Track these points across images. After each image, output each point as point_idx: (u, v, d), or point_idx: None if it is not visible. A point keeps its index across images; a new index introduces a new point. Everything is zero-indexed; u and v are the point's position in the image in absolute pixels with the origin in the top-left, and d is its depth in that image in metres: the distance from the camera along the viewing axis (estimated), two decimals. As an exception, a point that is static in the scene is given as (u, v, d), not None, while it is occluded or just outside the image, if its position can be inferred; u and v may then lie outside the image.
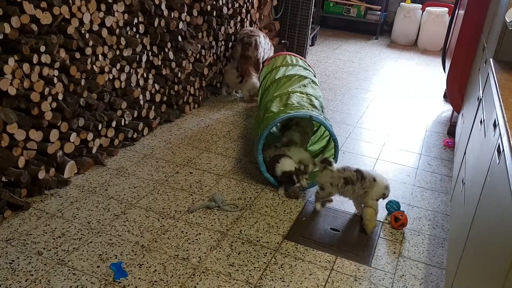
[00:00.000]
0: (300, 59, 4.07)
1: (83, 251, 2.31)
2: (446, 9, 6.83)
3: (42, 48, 2.55)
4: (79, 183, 2.88)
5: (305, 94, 3.25)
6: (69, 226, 2.48)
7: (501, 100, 1.83)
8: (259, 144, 2.93)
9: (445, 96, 4.96)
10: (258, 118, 3.28)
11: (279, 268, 2.31)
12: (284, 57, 4.00)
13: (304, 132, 3.30)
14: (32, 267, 2.18)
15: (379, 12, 7.23)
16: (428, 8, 6.92)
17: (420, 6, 7.04)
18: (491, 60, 2.44)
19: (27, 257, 2.24)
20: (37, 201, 2.66)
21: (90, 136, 2.98)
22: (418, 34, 7.12)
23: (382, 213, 2.82)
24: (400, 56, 6.58)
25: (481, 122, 2.24)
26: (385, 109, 4.54)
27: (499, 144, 1.60)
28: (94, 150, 3.07)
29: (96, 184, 2.88)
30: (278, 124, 3.42)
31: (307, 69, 3.87)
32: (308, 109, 2.99)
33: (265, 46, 4.46)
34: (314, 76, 3.85)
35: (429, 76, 5.74)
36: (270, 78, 3.73)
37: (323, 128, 3.43)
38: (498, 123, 1.71)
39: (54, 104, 2.69)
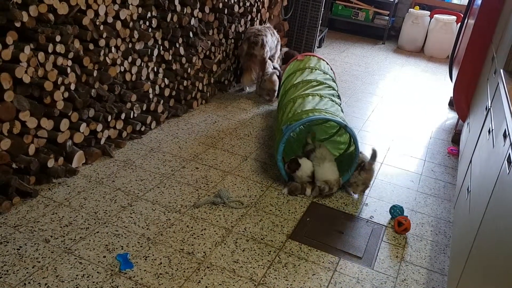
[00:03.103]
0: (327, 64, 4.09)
1: (89, 240, 2.34)
2: (455, 17, 6.85)
3: (58, 38, 2.57)
4: (87, 173, 2.90)
5: (337, 104, 3.30)
6: (76, 216, 2.51)
7: (511, 110, 1.85)
8: (287, 134, 2.89)
9: (450, 104, 4.99)
10: (283, 113, 3.25)
11: (283, 267, 2.33)
12: (318, 61, 3.99)
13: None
14: (39, 254, 2.21)
15: (387, 17, 7.25)
16: (436, 16, 6.95)
17: (428, 13, 7.06)
18: (501, 70, 2.46)
19: (35, 244, 2.26)
20: (45, 189, 2.69)
21: (99, 127, 3.00)
22: (425, 41, 7.14)
23: (385, 217, 2.85)
24: (406, 62, 6.61)
25: (489, 131, 2.26)
26: (390, 114, 4.56)
27: (509, 154, 1.62)
28: (102, 141, 3.09)
29: (103, 175, 2.91)
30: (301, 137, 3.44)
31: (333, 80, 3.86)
32: (344, 120, 3.02)
33: (271, 45, 4.45)
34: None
35: (434, 83, 5.76)
36: (295, 79, 3.70)
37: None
38: (508, 134, 1.73)
39: (66, 94, 2.71)
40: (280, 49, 4.89)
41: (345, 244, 2.57)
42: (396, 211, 2.84)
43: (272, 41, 4.46)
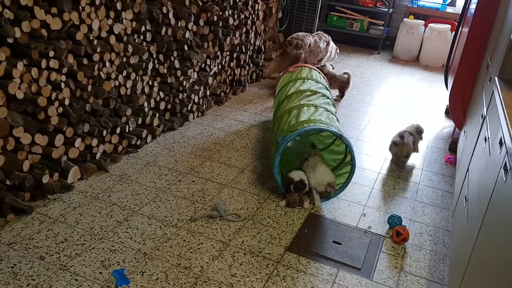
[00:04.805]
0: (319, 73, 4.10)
1: (85, 257, 2.31)
2: (449, 26, 6.89)
3: (51, 53, 2.57)
4: (82, 188, 2.88)
5: (332, 113, 3.30)
6: (72, 232, 2.48)
7: (507, 118, 1.85)
8: (282, 145, 2.89)
9: (446, 112, 4.99)
10: (279, 124, 3.24)
11: (281, 280, 2.31)
12: (310, 70, 4.01)
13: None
14: (34, 271, 2.17)
15: (382, 27, 7.29)
16: (430, 25, 6.99)
17: (423, 22, 7.10)
18: (496, 78, 2.46)
19: (29, 261, 2.23)
20: (40, 205, 2.66)
21: (94, 142, 2.99)
22: (420, 50, 7.18)
23: (384, 228, 2.83)
24: (402, 71, 6.63)
25: (485, 139, 2.25)
26: (387, 123, 4.56)
27: (506, 162, 1.61)
28: (98, 156, 3.08)
29: (99, 190, 2.88)
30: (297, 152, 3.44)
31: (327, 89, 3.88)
32: (339, 130, 3.02)
33: (314, 49, 5.20)
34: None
35: (430, 92, 5.78)
36: (288, 90, 3.71)
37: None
38: (504, 141, 1.72)
39: (61, 109, 2.70)
40: (335, 53, 5.64)
41: (343, 255, 2.55)
42: (394, 221, 2.82)
43: (316, 45, 5.22)
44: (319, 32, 5.54)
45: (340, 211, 2.97)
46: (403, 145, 3.60)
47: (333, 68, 5.24)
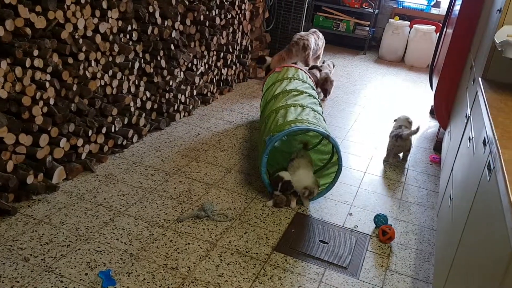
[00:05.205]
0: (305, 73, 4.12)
1: (71, 258, 2.29)
2: (434, 27, 6.97)
3: (35, 52, 2.54)
4: (68, 189, 2.85)
5: (319, 113, 3.31)
6: (57, 233, 2.45)
7: (490, 118, 1.88)
8: (270, 145, 2.88)
9: (431, 112, 5.05)
10: (266, 124, 3.24)
11: (268, 280, 2.31)
12: (296, 70, 4.01)
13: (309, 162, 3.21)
14: (18, 273, 2.15)
15: (368, 28, 7.35)
16: (415, 26, 7.06)
17: (408, 23, 7.18)
18: (479, 79, 2.50)
19: (13, 263, 2.20)
20: (25, 206, 2.63)
21: (80, 142, 2.96)
22: (405, 50, 7.25)
23: (370, 227, 2.85)
24: (387, 71, 6.68)
25: (469, 139, 2.29)
26: (373, 123, 4.59)
27: (489, 161, 1.63)
28: (83, 156, 3.05)
29: (84, 190, 2.86)
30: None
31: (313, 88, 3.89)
32: (326, 130, 3.02)
33: (314, 47, 5.42)
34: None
35: (415, 92, 5.84)
36: (274, 90, 3.71)
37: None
38: (488, 141, 1.75)
39: (45, 109, 2.67)
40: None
41: (330, 254, 2.56)
42: (380, 220, 2.84)
43: (315, 43, 5.45)
44: (315, 30, 5.68)
45: (327, 210, 2.98)
46: (408, 140, 3.74)
47: (334, 66, 5.52)
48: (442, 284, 1.95)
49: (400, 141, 3.72)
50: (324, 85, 5.09)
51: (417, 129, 3.67)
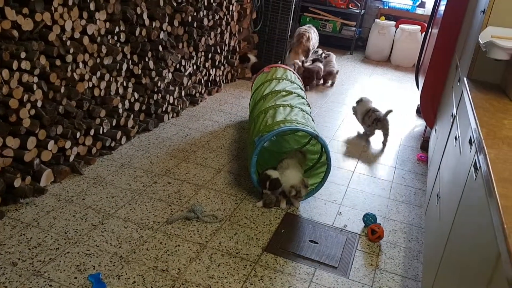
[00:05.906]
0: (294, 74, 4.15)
1: (60, 261, 2.27)
2: (419, 27, 7.04)
3: (23, 55, 2.51)
4: (56, 191, 2.83)
5: (307, 113, 3.32)
6: (45, 236, 2.43)
7: (476, 117, 1.91)
8: (259, 145, 2.89)
9: (417, 111, 5.10)
10: (255, 124, 3.24)
11: (259, 280, 2.32)
12: (284, 71, 4.03)
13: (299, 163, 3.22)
14: (6, 278, 2.13)
15: (354, 28, 7.40)
16: (401, 26, 7.13)
17: (394, 23, 7.24)
18: (464, 79, 2.53)
19: (1, 268, 2.18)
20: (12, 210, 2.60)
21: (68, 144, 2.94)
22: (391, 50, 7.31)
23: (359, 226, 2.88)
24: (374, 71, 6.74)
25: (455, 138, 2.32)
26: (361, 123, 4.62)
27: (475, 160, 1.66)
28: (71, 159, 3.03)
29: (73, 193, 2.84)
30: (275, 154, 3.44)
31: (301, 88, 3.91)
32: (314, 130, 3.04)
33: (314, 42, 6.23)
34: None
35: (401, 92, 5.89)
36: (263, 90, 3.72)
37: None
38: (474, 140, 1.78)
39: (33, 111, 2.65)
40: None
41: (320, 254, 2.58)
42: (369, 219, 2.87)
43: (314, 37, 6.28)
44: (310, 25, 6.54)
45: (316, 210, 3.00)
46: (385, 120, 4.12)
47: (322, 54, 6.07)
48: (431, 282, 1.98)
49: (380, 124, 4.11)
50: (327, 78, 5.77)
51: (390, 110, 4.10)
